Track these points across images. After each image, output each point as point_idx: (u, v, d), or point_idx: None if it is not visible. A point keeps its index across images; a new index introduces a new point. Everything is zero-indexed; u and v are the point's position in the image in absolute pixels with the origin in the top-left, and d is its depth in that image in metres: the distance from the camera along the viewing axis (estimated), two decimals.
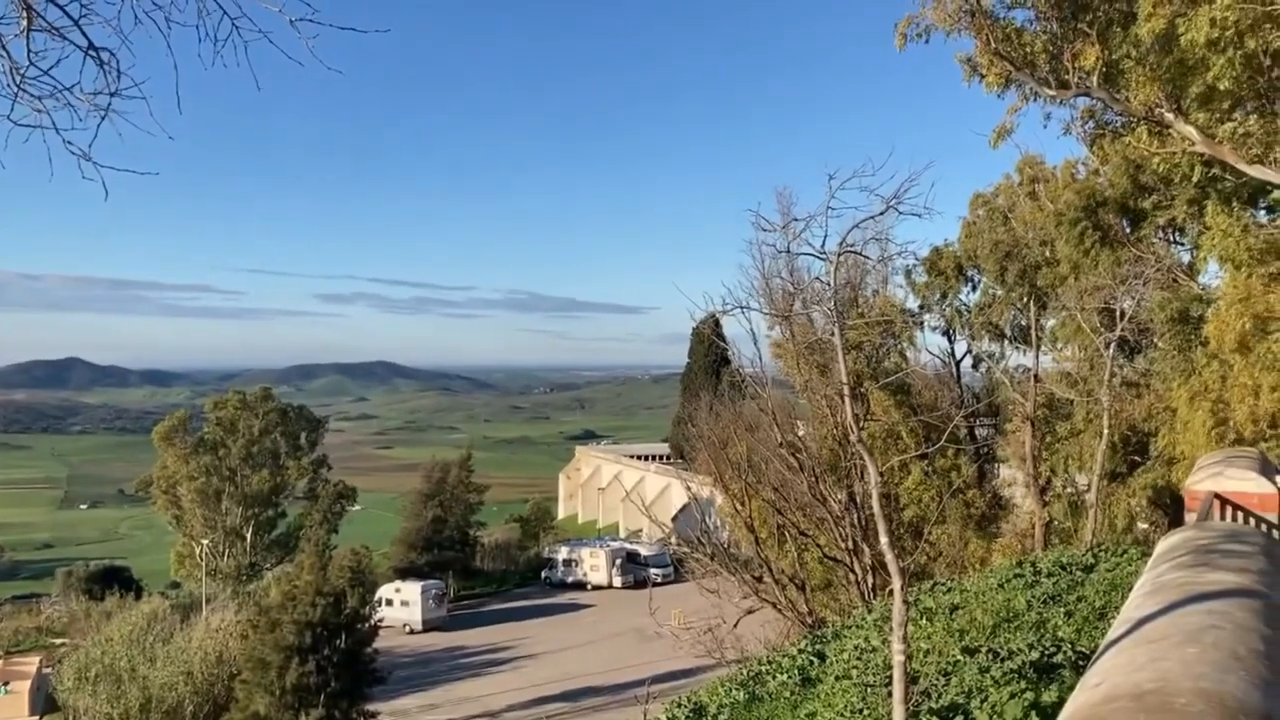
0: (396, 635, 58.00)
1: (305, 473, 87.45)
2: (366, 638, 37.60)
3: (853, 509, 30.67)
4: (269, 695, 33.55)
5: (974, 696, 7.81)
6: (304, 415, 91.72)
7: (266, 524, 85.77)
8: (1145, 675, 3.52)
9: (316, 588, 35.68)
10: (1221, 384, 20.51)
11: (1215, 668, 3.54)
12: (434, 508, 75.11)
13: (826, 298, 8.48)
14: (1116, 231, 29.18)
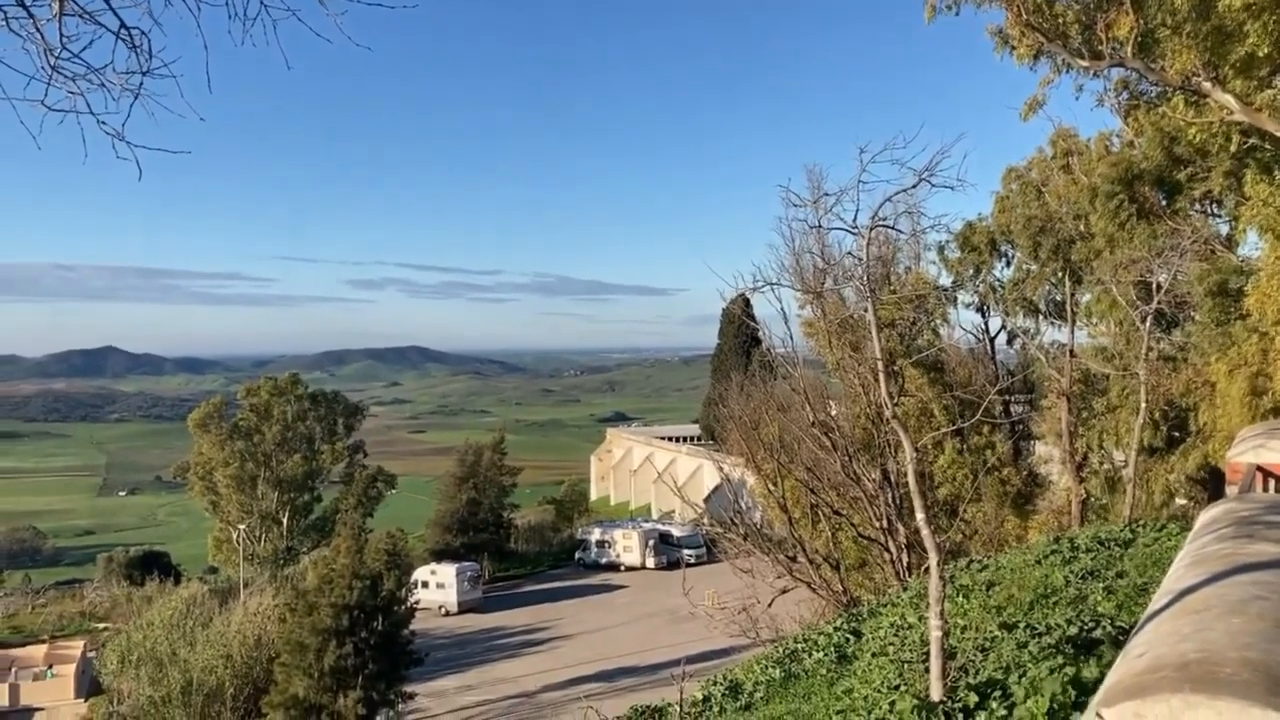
0: (432, 617, 58.42)
1: (340, 457, 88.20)
2: (403, 620, 37.85)
3: (886, 488, 30.54)
4: (307, 678, 33.86)
5: (1012, 672, 7.75)
6: (339, 400, 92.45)
7: (302, 508, 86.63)
8: (1190, 646, 3.48)
9: (353, 571, 35.92)
10: (1262, 357, 20.21)
11: (1261, 638, 3.49)
12: (468, 490, 75.55)
13: (859, 273, 8.41)
14: (1152, 204, 28.77)
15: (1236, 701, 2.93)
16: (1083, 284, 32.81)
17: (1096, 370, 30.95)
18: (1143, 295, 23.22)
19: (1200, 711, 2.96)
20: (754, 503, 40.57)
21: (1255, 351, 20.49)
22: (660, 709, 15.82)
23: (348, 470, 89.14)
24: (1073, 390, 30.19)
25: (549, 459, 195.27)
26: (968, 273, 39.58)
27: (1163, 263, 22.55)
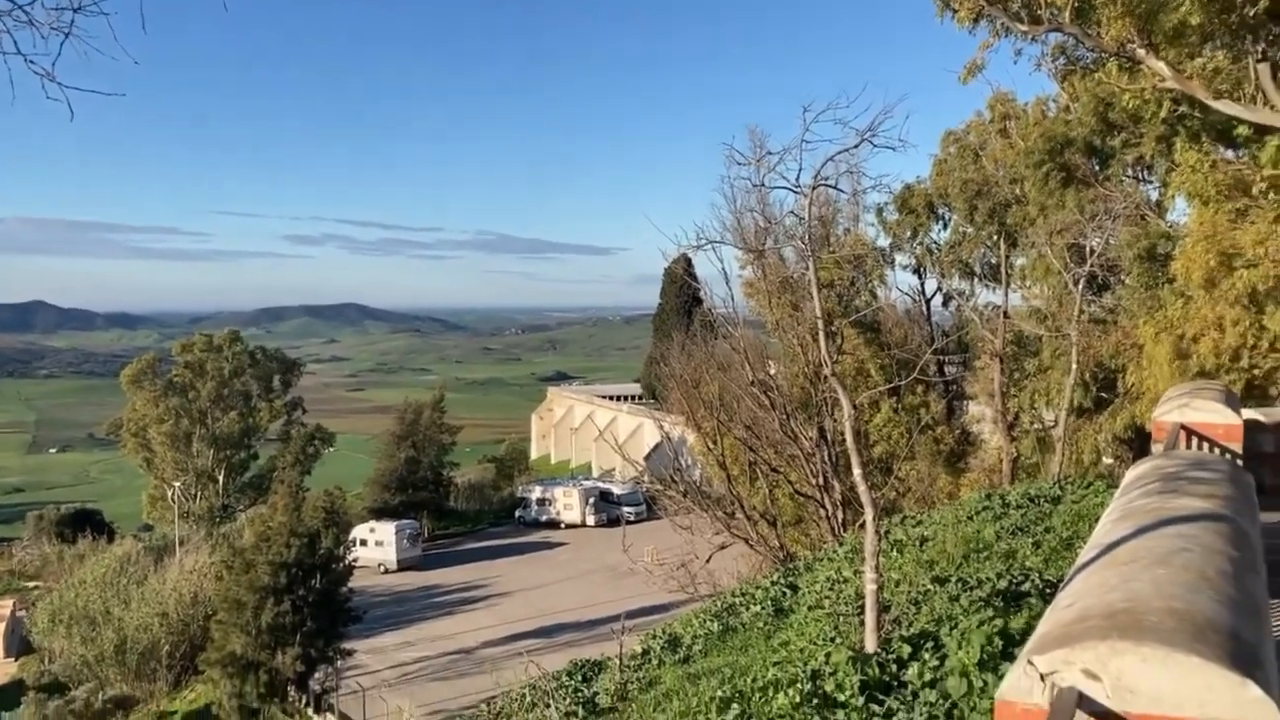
0: (371, 575, 58.20)
1: (278, 415, 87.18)
2: (341, 577, 37.72)
3: (823, 445, 30.97)
4: (245, 635, 33.68)
5: (944, 624, 7.96)
6: (276, 358, 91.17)
7: (239, 466, 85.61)
8: (1117, 596, 3.61)
9: (290, 529, 35.69)
10: (1187, 319, 20.73)
11: (1185, 588, 3.63)
12: (407, 449, 75.17)
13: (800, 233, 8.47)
14: (1084, 171, 29.23)
15: (1161, 648, 3.05)
16: (1017, 247, 33.32)
17: (1029, 332, 31.52)
18: (1075, 259, 23.64)
19: (1126, 658, 3.07)
20: (694, 461, 40.94)
21: (1181, 315, 21.01)
22: (599, 663, 16.00)
23: (285, 428, 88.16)
24: (1006, 352, 30.70)
25: (490, 417, 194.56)
26: (905, 235, 40.00)
27: (1095, 227, 22.96)
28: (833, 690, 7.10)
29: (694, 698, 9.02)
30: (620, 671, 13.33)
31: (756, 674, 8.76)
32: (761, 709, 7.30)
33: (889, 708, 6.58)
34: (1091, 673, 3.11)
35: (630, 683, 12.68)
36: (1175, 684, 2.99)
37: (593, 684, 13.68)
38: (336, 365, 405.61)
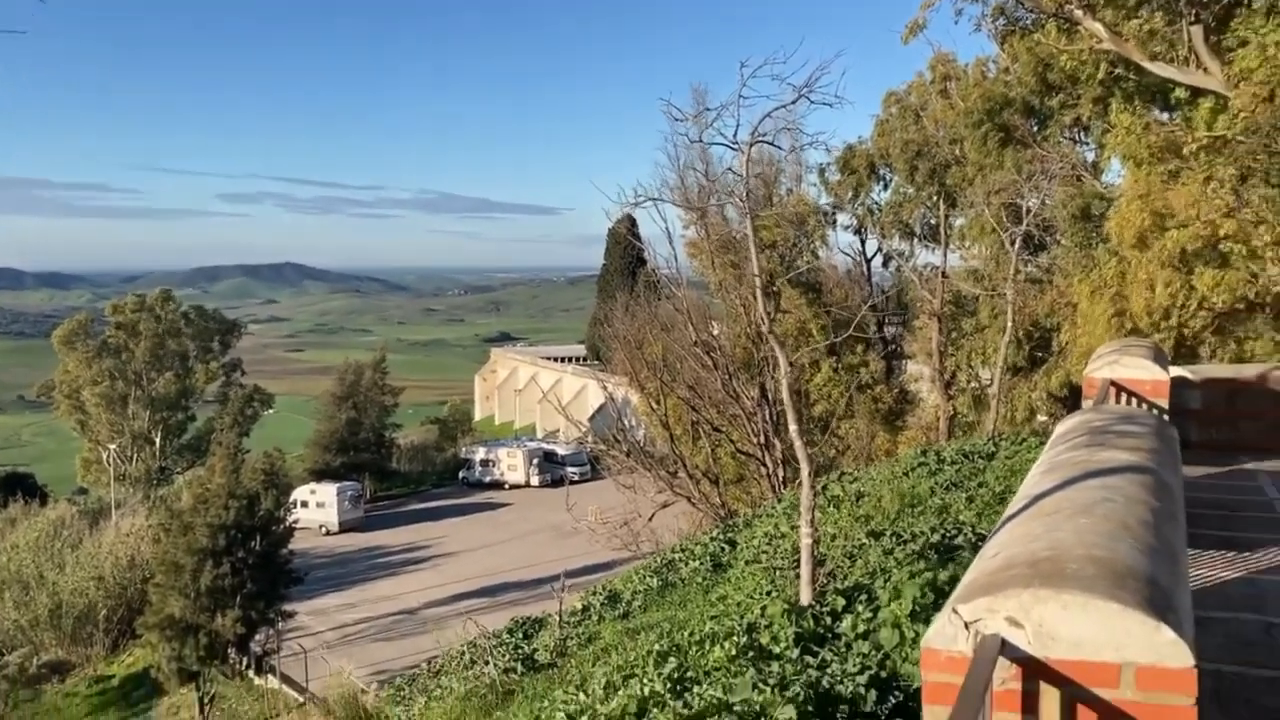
0: (313, 537, 57.84)
1: (215, 376, 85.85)
2: (282, 539, 37.44)
3: (764, 405, 31.22)
4: (184, 598, 33.35)
5: (877, 576, 8.08)
6: (213, 318, 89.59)
7: (176, 428, 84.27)
8: (1040, 545, 3.66)
9: (229, 490, 35.29)
10: (1120, 279, 21.09)
11: (1106, 536, 3.69)
12: (348, 410, 74.51)
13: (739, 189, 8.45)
14: (1023, 132, 29.53)
15: (1081, 594, 3.10)
16: (957, 208, 33.65)
17: (967, 292, 31.94)
18: (1012, 219, 23.94)
19: (1048, 605, 3.12)
20: (637, 421, 41.03)
21: (1115, 274, 21.37)
22: (541, 620, 16.08)
23: (223, 389, 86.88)
24: (944, 311, 31.14)
25: (432, 379, 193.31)
26: (847, 195, 40.19)
27: (1032, 187, 23.24)
28: (768, 642, 7.18)
29: (632, 652, 9.09)
30: (560, 628, 13.41)
31: (694, 628, 8.85)
32: (698, 662, 7.36)
33: (823, 659, 6.67)
34: (1014, 620, 3.16)
35: (570, 639, 12.75)
36: (1094, 629, 3.05)
37: (533, 641, 13.76)
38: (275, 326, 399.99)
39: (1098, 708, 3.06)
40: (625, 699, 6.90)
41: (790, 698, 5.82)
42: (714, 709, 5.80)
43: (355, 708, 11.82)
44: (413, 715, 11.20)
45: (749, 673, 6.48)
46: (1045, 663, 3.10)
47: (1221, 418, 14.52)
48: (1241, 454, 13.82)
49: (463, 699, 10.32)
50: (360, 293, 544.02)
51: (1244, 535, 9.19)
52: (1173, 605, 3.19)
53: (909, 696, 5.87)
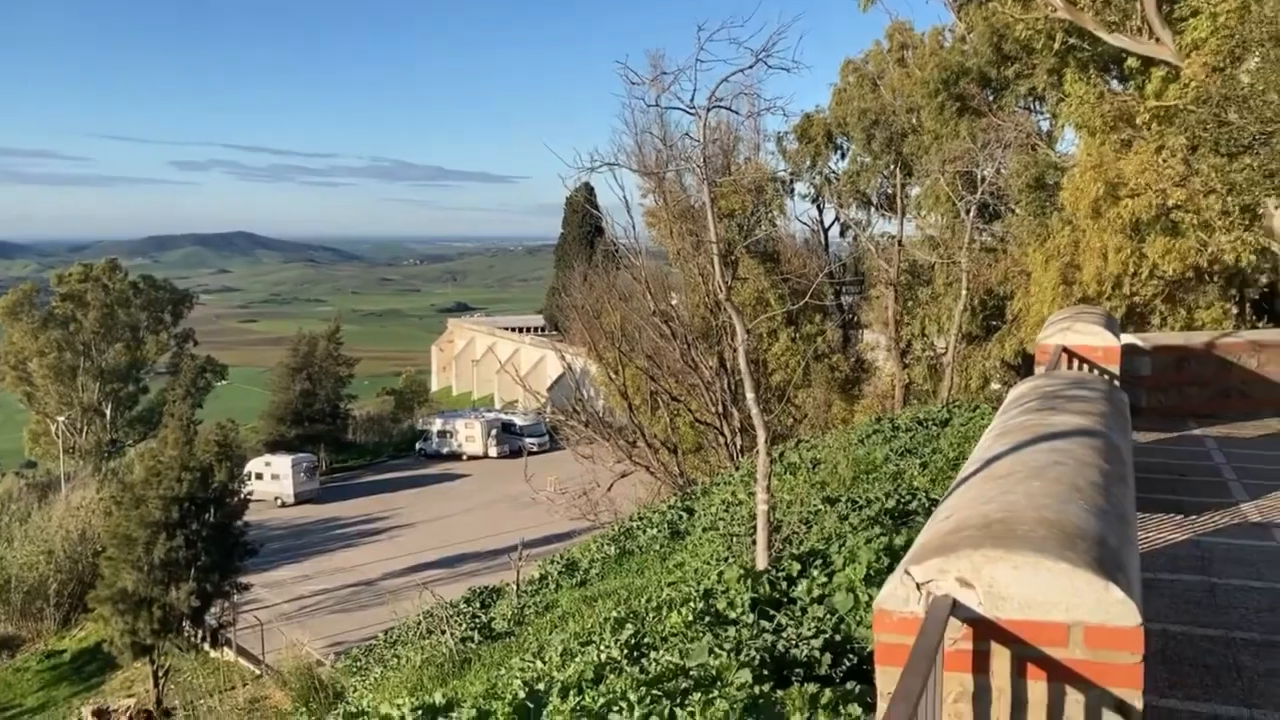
0: (268, 509, 57.43)
1: (166, 347, 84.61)
2: (236, 511, 37.19)
3: (723, 374, 31.32)
4: (136, 571, 33.05)
5: (833, 542, 8.13)
6: (164, 288, 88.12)
7: (127, 400, 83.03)
8: (992, 507, 3.69)
9: (182, 462, 34.94)
10: (1073, 248, 21.31)
11: (1057, 499, 3.72)
12: (302, 381, 73.91)
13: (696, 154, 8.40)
14: (978, 101, 29.67)
15: (1032, 555, 3.12)
16: (913, 176, 33.78)
17: (922, 260, 32.15)
18: (968, 188, 24.08)
19: (999, 565, 3.14)
20: (596, 391, 41.02)
21: (1068, 243, 21.59)
22: (498, 589, 16.08)
23: (174, 360, 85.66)
24: (900, 280, 31.32)
25: (388, 349, 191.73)
26: (804, 164, 40.24)
27: (987, 156, 23.38)
28: (724, 608, 7.21)
29: (590, 619, 9.11)
30: (517, 596, 13.42)
31: (652, 594, 8.88)
32: (655, 628, 7.39)
33: (778, 623, 6.71)
34: (965, 581, 3.18)
35: (527, 607, 12.77)
36: (1044, 589, 3.08)
37: (490, 610, 13.76)
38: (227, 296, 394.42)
39: (1047, 666, 3.09)
40: (582, 665, 6.91)
41: (745, 662, 5.85)
42: (671, 674, 5.82)
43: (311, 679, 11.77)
44: (369, 685, 11.18)
45: (706, 638, 6.51)
46: (996, 623, 3.12)
47: (1171, 384, 14.77)
48: (1190, 419, 14.08)
49: (419, 668, 10.31)
50: (314, 262, 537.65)
51: (1191, 499, 9.36)
52: (1121, 565, 3.23)
53: (863, 659, 5.93)
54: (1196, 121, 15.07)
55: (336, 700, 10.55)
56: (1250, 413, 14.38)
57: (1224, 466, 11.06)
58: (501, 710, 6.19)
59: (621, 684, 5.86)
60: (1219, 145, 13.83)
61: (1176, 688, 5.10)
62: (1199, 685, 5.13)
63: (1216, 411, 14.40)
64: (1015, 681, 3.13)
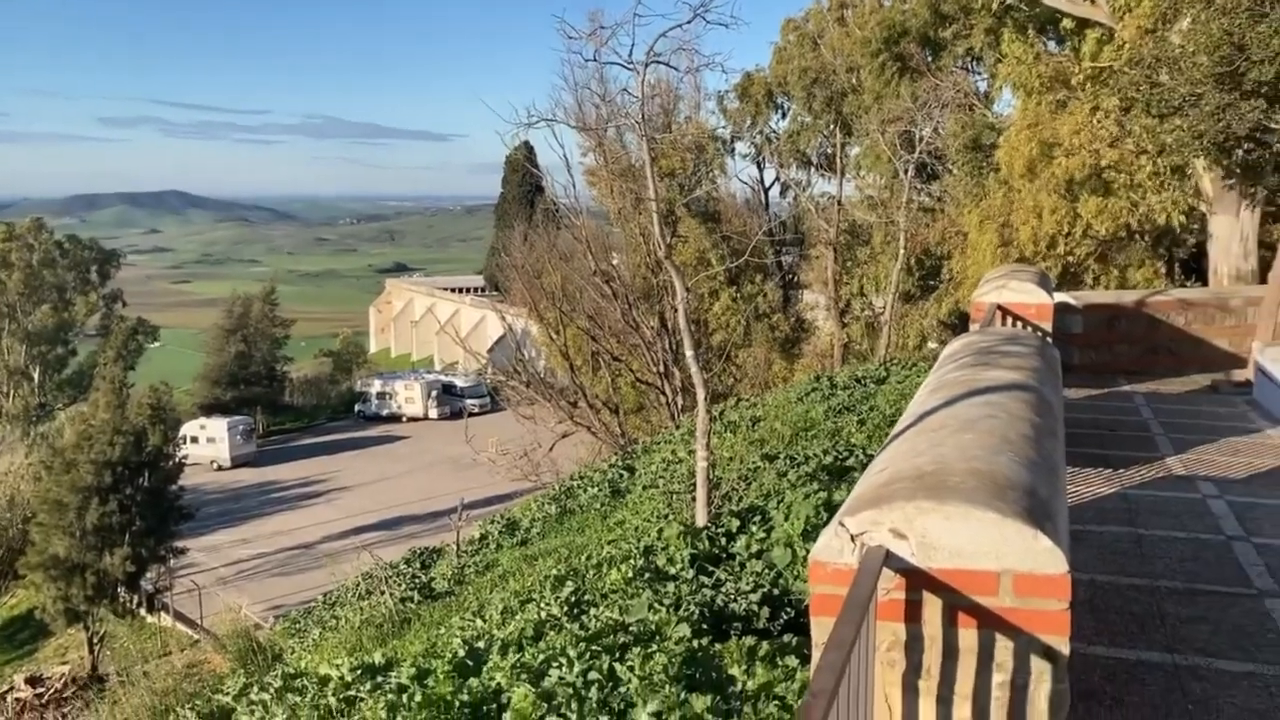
0: (204, 472, 56.72)
1: (95, 308, 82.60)
2: (171, 475, 36.73)
3: (664, 334, 31.33)
4: (68, 537, 32.53)
5: (771, 498, 8.20)
6: (90, 247, 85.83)
7: (55, 363, 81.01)
8: (925, 460, 3.73)
9: (114, 426, 34.37)
10: (1009, 208, 21.58)
11: (988, 450, 3.77)
12: (237, 343, 72.90)
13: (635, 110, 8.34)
14: (918, 61, 29.82)
15: (962, 505, 3.16)
16: (853, 136, 33.92)
17: (861, 220, 32.37)
18: (906, 148, 24.23)
19: (930, 516, 3.18)
20: (537, 352, 40.87)
21: (1004, 203, 21.86)
22: (438, 550, 16.05)
23: (104, 322, 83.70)
24: (839, 240, 31.53)
25: (325, 310, 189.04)
26: (745, 123, 40.21)
27: (925, 116, 23.53)
28: (664, 564, 7.25)
29: (530, 577, 9.12)
30: (457, 556, 13.40)
31: (592, 552, 8.90)
32: (595, 585, 7.41)
33: (718, 578, 6.76)
34: (898, 531, 3.21)
35: (467, 567, 12.76)
36: (974, 539, 3.12)
37: (430, 570, 13.73)
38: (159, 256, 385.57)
39: (977, 614, 3.14)
40: (522, 623, 6.91)
41: (685, 617, 5.90)
42: (610, 629, 5.85)
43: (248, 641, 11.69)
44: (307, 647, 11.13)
45: (645, 594, 6.55)
46: (928, 572, 3.16)
47: (1102, 342, 15.09)
48: (1120, 376, 14.40)
49: (358, 629, 10.28)
50: (248, 221, 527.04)
51: (1119, 453, 9.60)
52: (1050, 515, 3.28)
53: (800, 612, 6.00)
54: (1129, 83, 15.26)
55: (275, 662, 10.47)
56: (1177, 369, 14.76)
57: (1151, 422, 11.34)
58: (441, 668, 6.17)
59: (561, 640, 5.87)
60: (1150, 106, 14.03)
61: (1103, 635, 5.24)
62: (1124, 633, 5.27)
63: (1145, 368, 14.74)
64: (946, 630, 3.18)
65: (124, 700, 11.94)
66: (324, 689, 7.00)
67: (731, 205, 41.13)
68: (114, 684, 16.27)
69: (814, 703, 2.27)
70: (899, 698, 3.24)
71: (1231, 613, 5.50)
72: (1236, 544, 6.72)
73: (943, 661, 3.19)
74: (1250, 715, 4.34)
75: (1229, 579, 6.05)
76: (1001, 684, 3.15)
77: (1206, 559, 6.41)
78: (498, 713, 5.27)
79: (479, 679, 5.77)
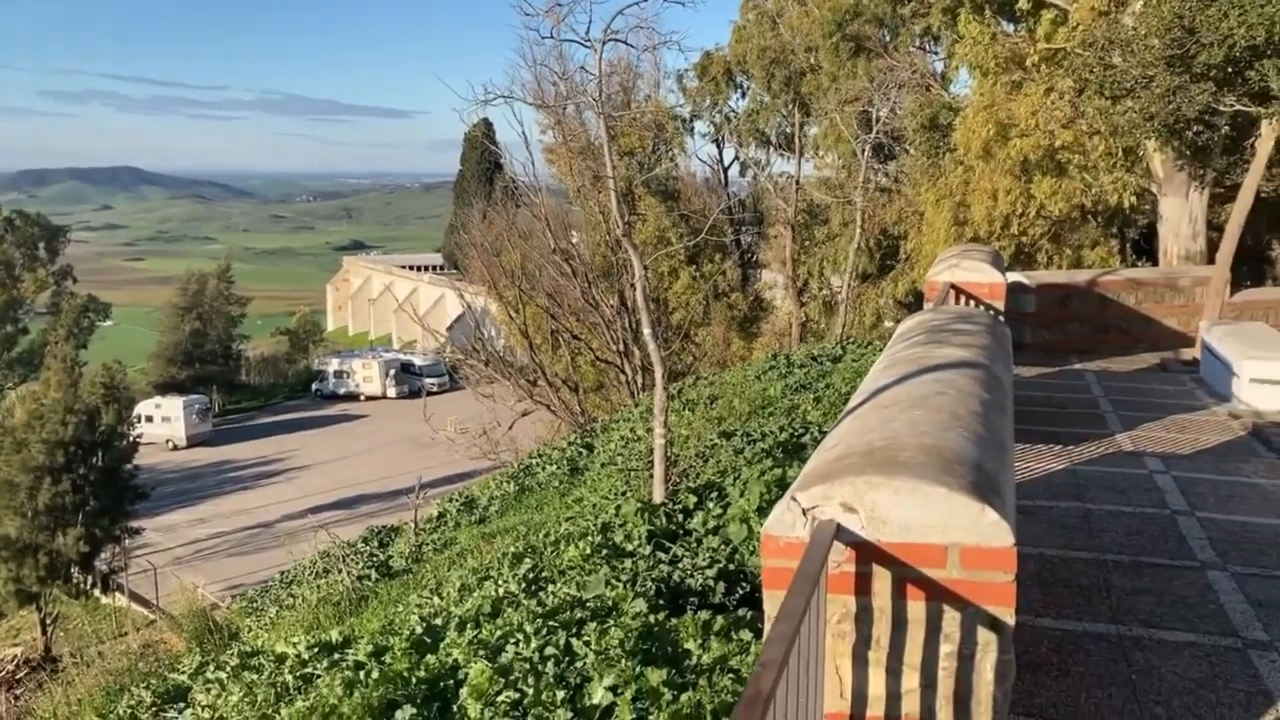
0: (159, 452, 56.08)
1: (45, 285, 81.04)
2: (125, 454, 36.27)
3: (624, 313, 31.33)
4: (20, 517, 32.08)
5: (728, 475, 8.27)
6: (37, 223, 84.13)
7: (5, 341, 79.50)
8: (876, 435, 3.78)
9: (66, 405, 33.87)
10: (965, 188, 21.75)
11: (937, 426, 3.83)
12: (192, 321, 72.02)
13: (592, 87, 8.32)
14: (875, 41, 29.90)
15: (911, 480, 3.22)
16: (811, 116, 33.98)
17: (820, 200, 32.48)
18: (864, 128, 24.34)
19: (880, 491, 3.23)
20: (496, 330, 40.74)
21: (959, 183, 22.02)
22: (396, 528, 16.02)
23: (55, 300, 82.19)
24: (797, 220, 31.62)
25: (282, 289, 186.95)
26: (705, 102, 40.15)
27: (882, 96, 23.62)
28: (622, 541, 7.30)
29: (488, 555, 9.14)
30: (415, 534, 13.38)
31: (550, 529, 8.93)
32: (553, 562, 7.44)
33: (674, 554, 6.82)
34: (849, 506, 3.27)
35: (425, 545, 12.75)
36: (923, 513, 3.18)
37: (388, 549, 13.70)
38: (112, 233, 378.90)
39: (925, 587, 3.20)
40: (480, 600, 6.94)
41: (641, 592, 5.95)
42: (567, 605, 5.89)
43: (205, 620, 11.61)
44: (264, 625, 11.08)
45: (603, 570, 6.59)
46: (877, 545, 3.22)
47: (1054, 320, 15.32)
48: (1072, 354, 14.64)
49: (315, 607, 10.25)
50: (203, 198, 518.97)
51: (1070, 430, 9.77)
52: (997, 489, 3.35)
53: (755, 587, 6.07)
54: (1083, 64, 15.42)
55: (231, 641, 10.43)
56: (1128, 347, 15.03)
57: (1101, 399, 11.55)
58: (398, 645, 6.19)
59: (518, 617, 5.91)
60: (1103, 88, 14.19)
61: (1050, 607, 5.35)
62: (1071, 605, 5.38)
63: (1096, 346, 15.00)
64: (895, 602, 3.24)
65: (78, 681, 11.83)
66: (281, 667, 7.00)
67: (691, 184, 41.12)
68: (68, 665, 16.11)
69: (763, 673, 2.32)
70: (849, 668, 3.30)
71: (1175, 585, 5.64)
72: (1181, 518, 6.88)
73: (892, 633, 3.26)
74: (1189, 684, 4.46)
75: (1173, 552, 6.20)
76: (949, 654, 3.22)
77: (1152, 533, 6.56)
78: (455, 688, 5.30)
79: (436, 655, 5.79)
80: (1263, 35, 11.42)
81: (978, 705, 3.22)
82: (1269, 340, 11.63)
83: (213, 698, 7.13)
